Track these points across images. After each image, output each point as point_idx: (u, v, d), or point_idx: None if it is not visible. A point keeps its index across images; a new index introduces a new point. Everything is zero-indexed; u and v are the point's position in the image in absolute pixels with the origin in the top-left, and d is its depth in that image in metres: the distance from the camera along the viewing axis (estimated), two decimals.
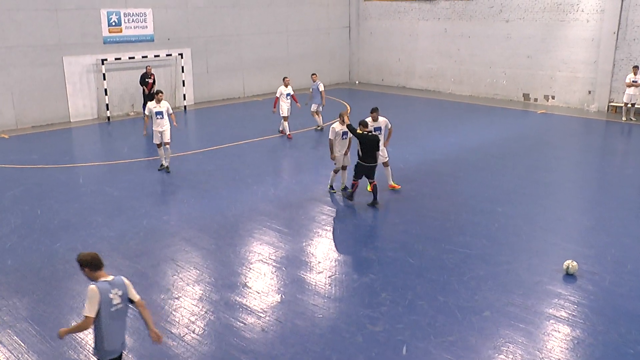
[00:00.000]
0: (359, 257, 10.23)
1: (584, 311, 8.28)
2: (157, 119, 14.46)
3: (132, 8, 22.31)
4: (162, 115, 14.49)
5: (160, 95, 14.54)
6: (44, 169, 15.44)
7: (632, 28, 21.60)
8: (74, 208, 12.50)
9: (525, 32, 24.29)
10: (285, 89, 18.58)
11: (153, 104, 14.55)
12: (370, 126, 12.64)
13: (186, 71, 23.96)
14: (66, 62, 20.87)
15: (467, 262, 9.79)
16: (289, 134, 18.62)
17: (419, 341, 7.56)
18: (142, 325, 7.93)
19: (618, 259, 9.89)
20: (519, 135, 18.97)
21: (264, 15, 26.61)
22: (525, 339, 7.59)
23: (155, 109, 14.46)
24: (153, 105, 14.52)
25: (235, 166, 15.56)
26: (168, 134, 14.66)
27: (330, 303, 8.58)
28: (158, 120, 14.48)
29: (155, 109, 14.46)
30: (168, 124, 14.66)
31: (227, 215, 12.08)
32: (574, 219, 12.01)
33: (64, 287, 9.10)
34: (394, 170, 13.95)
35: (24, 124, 20.33)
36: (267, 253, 10.29)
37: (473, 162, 15.79)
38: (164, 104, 14.58)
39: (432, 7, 27.23)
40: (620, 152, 18.12)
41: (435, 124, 20.79)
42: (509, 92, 25.25)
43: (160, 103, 14.49)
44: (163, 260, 10.03)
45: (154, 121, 14.52)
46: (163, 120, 14.52)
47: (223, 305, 8.51)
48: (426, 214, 12.09)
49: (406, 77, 29.04)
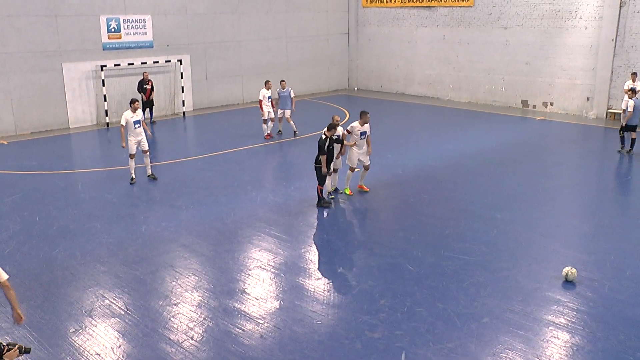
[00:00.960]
0: (357, 264, 10.21)
1: (584, 318, 8.27)
2: (135, 128, 14.23)
3: (132, 14, 22.36)
4: (139, 124, 14.30)
5: (137, 104, 14.31)
6: (43, 175, 15.43)
7: (630, 35, 21.67)
8: (72, 214, 12.49)
9: (524, 39, 24.36)
10: (267, 92, 18.96)
11: (130, 113, 14.19)
12: (358, 130, 12.92)
13: (185, 77, 23.99)
14: (65, 68, 20.90)
15: (466, 269, 9.78)
16: (267, 134, 19.26)
17: (418, 348, 7.54)
18: (141, 331, 7.93)
19: (617, 265, 9.88)
20: (518, 141, 18.99)
21: (263, 21, 26.68)
22: (525, 346, 7.57)
23: (133, 118, 14.18)
24: (130, 114, 14.18)
25: (234, 172, 15.55)
26: (146, 143, 14.52)
27: (329, 310, 8.56)
28: (137, 130, 14.26)
29: (133, 118, 14.17)
30: (144, 133, 14.50)
31: (225, 221, 12.07)
32: (573, 226, 12.00)
33: (62, 293, 9.07)
34: (393, 177, 13.95)
35: (23, 129, 20.33)
36: (265, 259, 10.27)
37: (472, 169, 15.79)
38: (140, 113, 14.47)
39: (430, 13, 27.31)
40: (618, 158, 18.12)
41: (434, 131, 20.81)
42: (507, 98, 25.29)
43: (136, 112, 14.28)
44: (162, 266, 10.01)
45: (132, 131, 14.24)
46: (141, 128, 14.35)
47: (221, 312, 8.49)
48: (425, 221, 12.08)
49: (405, 83, 29.09)
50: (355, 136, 13.04)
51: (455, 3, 26.23)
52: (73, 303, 8.77)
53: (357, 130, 12.99)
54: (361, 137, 13.03)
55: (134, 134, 14.26)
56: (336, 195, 13.52)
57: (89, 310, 8.56)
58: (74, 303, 8.76)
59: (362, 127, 12.99)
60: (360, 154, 13.20)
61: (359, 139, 13.03)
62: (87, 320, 8.29)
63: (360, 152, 13.18)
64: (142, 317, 8.35)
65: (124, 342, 7.76)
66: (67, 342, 7.74)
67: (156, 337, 7.84)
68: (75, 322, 8.22)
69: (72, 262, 10.14)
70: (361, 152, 13.21)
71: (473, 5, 25.62)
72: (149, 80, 21.57)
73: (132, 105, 14.27)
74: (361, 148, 13.16)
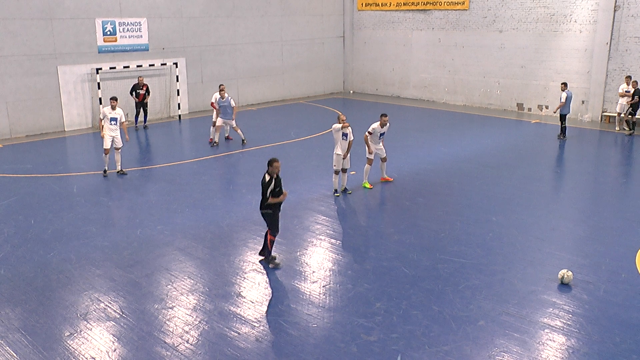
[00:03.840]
0: (353, 267, 10.21)
1: (579, 320, 8.28)
2: (110, 124, 15.12)
3: (127, 17, 22.34)
4: (115, 121, 15.18)
5: (114, 102, 15.16)
6: (38, 179, 15.38)
7: (624, 39, 21.77)
8: (67, 218, 12.45)
9: (519, 43, 24.45)
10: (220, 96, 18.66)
11: (108, 109, 15.17)
12: (378, 132, 13.99)
13: (181, 80, 23.98)
14: (61, 72, 20.87)
15: (461, 272, 9.79)
16: (210, 138, 19.02)
17: (413, 351, 7.54)
18: (136, 335, 7.91)
19: (613, 268, 9.91)
20: (513, 144, 19.03)
21: (259, 25, 26.69)
22: (520, 349, 7.58)
23: (111, 115, 15.11)
24: (108, 110, 15.15)
25: (229, 176, 15.54)
26: (119, 140, 15.32)
27: (325, 313, 8.55)
28: (112, 126, 15.15)
29: (110, 115, 15.11)
30: (119, 130, 15.28)
31: (221, 224, 12.05)
32: (568, 229, 12.03)
33: (57, 297, 9.04)
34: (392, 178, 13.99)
35: (18, 133, 20.27)
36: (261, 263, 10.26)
37: (467, 172, 15.82)
38: (119, 111, 15.25)
39: (426, 17, 27.38)
40: (613, 161, 18.20)
41: (429, 134, 20.84)
42: (502, 101, 25.36)
43: (115, 110, 15.14)
44: (157, 269, 9.99)
45: (108, 126, 15.13)
46: (116, 126, 15.21)
47: (217, 315, 8.47)
48: (421, 224, 12.09)
49: (400, 86, 29.14)
50: (375, 137, 14.05)
51: (450, 6, 26.32)
52: (68, 307, 8.74)
53: (378, 131, 14.02)
54: (380, 137, 14.16)
55: (109, 129, 15.13)
56: (342, 195, 13.67)
57: (84, 313, 8.53)
58: (69, 307, 8.73)
59: (382, 128, 14.00)
60: (378, 149, 14.27)
61: (378, 139, 14.11)
62: (82, 324, 8.26)
63: (377, 148, 14.25)
64: (137, 321, 8.33)
65: (119, 345, 7.74)
66: (62, 346, 7.71)
67: (151, 341, 7.82)
68: (70, 326, 8.19)
69: (67, 265, 10.11)
70: (378, 148, 14.28)
71: (468, 8, 25.70)
72: (143, 85, 21.54)
73: (111, 102, 15.22)
74: (378, 145, 14.23)
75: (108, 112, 15.11)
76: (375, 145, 14.15)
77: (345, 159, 13.54)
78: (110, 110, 15.12)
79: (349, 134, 13.37)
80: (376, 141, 14.14)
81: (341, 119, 13.31)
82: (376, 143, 14.16)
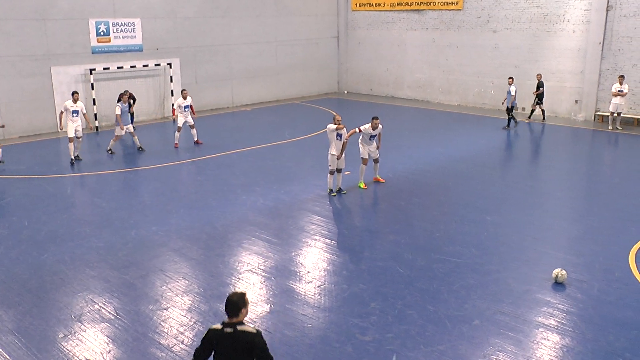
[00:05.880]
0: (348, 267, 10.21)
1: (573, 319, 8.31)
2: (73, 116, 16.62)
3: (121, 18, 22.28)
4: (77, 113, 16.73)
5: (76, 96, 16.69)
6: (32, 180, 15.33)
7: (617, 39, 21.86)
8: (61, 219, 12.41)
9: (513, 43, 24.51)
10: (183, 101, 18.51)
11: (70, 103, 16.61)
12: (368, 133, 13.90)
13: (175, 81, 23.93)
14: (54, 72, 20.79)
15: (456, 271, 9.81)
16: (176, 143, 18.74)
17: (408, 350, 7.55)
18: (131, 336, 7.89)
19: (606, 267, 9.95)
20: (508, 144, 19.08)
21: (253, 25, 26.67)
22: (515, 348, 7.60)
23: (72, 108, 16.59)
24: (70, 104, 16.60)
25: (224, 176, 15.52)
26: (81, 130, 16.88)
27: (320, 313, 8.55)
28: (74, 118, 16.66)
29: (72, 108, 16.58)
30: (81, 122, 16.84)
31: (216, 225, 12.04)
32: (562, 228, 12.07)
33: (51, 298, 9.01)
34: (384, 180, 13.98)
35: (11, 134, 20.18)
36: (256, 263, 10.25)
37: (462, 172, 15.85)
38: (79, 104, 16.77)
39: (420, 17, 27.42)
40: (607, 160, 18.27)
41: (424, 134, 20.88)
42: (497, 101, 25.40)
43: (76, 103, 16.63)
44: (152, 270, 9.97)
45: (71, 118, 16.59)
46: (78, 117, 16.75)
47: (212, 316, 8.46)
48: (416, 224, 12.11)
49: (395, 86, 29.17)
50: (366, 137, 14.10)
51: (444, 6, 26.36)
52: (62, 308, 8.71)
53: (369, 133, 13.99)
54: (370, 139, 14.08)
55: (72, 120, 16.62)
56: (337, 195, 13.67)
57: (79, 315, 8.51)
58: (63, 308, 8.70)
59: (373, 131, 13.97)
60: (371, 150, 14.27)
61: (368, 140, 14.11)
62: (76, 325, 8.24)
63: (371, 149, 14.26)
64: (132, 322, 8.31)
65: (114, 347, 7.72)
66: (56, 348, 7.68)
67: (146, 342, 7.80)
68: (65, 328, 8.16)
69: (61, 267, 10.07)
70: (371, 149, 14.28)
71: (462, 8, 25.76)
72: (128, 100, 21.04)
73: (72, 96, 16.75)
74: (371, 145, 14.22)
75: (70, 106, 16.54)
76: (367, 146, 14.16)
77: (340, 159, 13.54)
78: (72, 104, 16.55)
79: (343, 134, 13.37)
80: (368, 142, 14.14)
81: (337, 120, 13.27)
82: (368, 144, 14.16)
